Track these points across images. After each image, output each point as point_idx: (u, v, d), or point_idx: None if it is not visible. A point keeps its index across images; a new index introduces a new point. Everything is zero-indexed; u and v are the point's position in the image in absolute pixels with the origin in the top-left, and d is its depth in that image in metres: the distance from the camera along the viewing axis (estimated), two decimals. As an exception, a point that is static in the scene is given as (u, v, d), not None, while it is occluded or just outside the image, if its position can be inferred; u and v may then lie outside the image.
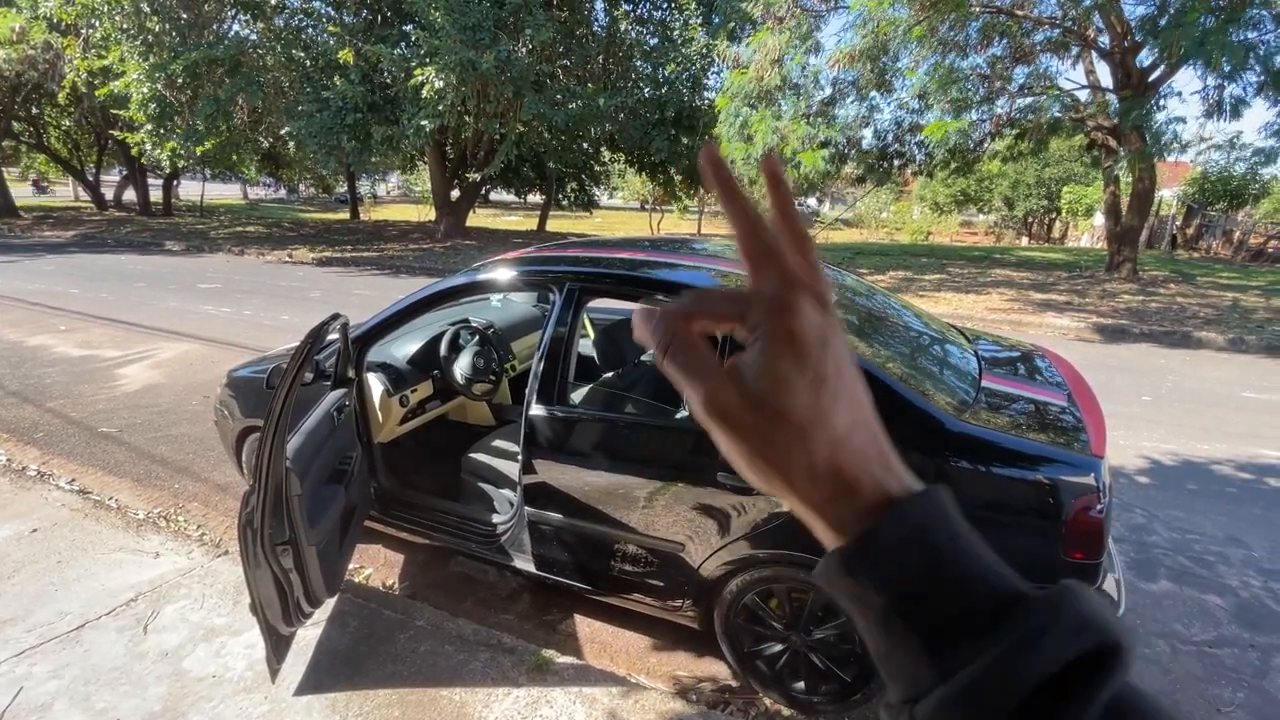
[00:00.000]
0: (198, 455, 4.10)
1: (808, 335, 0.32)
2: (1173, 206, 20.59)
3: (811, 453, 0.32)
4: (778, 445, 0.32)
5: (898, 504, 0.31)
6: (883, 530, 0.31)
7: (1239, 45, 7.57)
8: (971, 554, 0.31)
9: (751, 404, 0.32)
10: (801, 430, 0.32)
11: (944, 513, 0.31)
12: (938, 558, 0.30)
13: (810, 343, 0.32)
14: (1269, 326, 8.14)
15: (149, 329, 7.10)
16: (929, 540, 0.31)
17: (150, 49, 13.20)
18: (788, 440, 0.32)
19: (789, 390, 0.32)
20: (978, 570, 0.30)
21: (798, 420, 0.32)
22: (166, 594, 2.65)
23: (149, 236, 16.07)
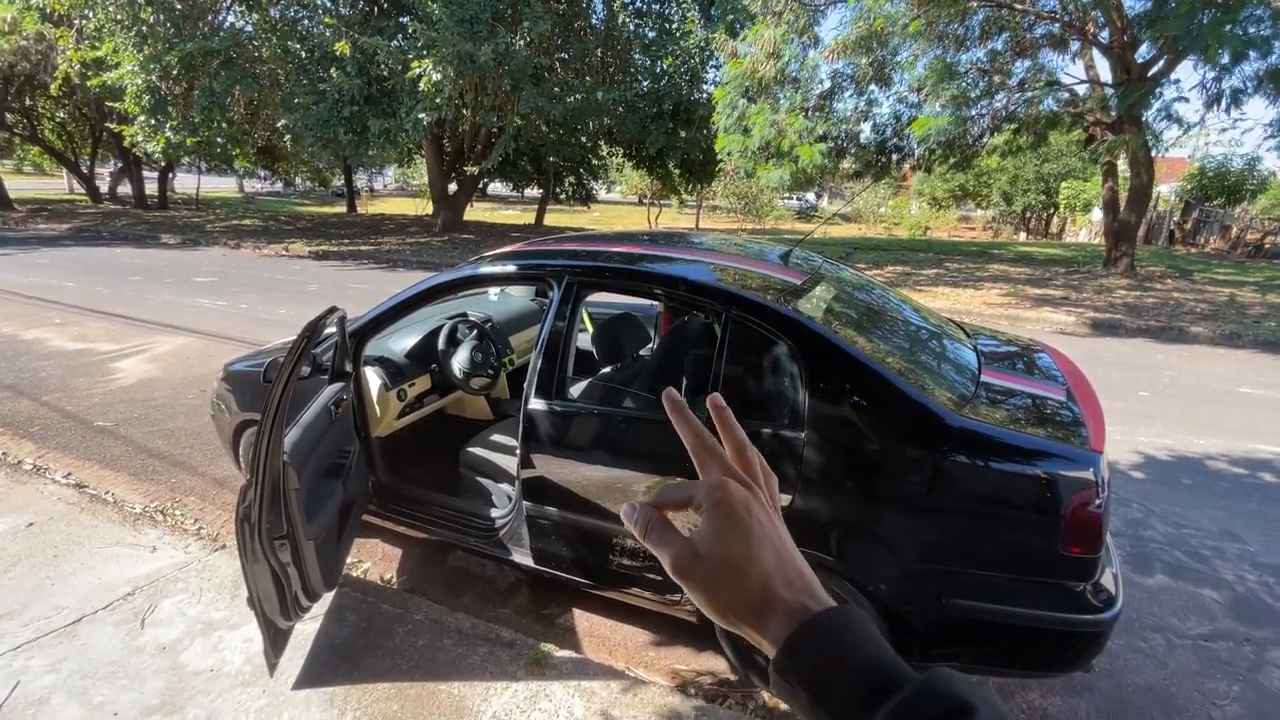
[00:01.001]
0: (194, 449, 4.09)
1: (735, 505, 0.44)
2: (1170, 202, 20.61)
3: (749, 587, 0.42)
4: (724, 586, 0.42)
5: (813, 615, 0.40)
6: (799, 635, 0.40)
7: (1236, 36, 7.55)
8: (870, 649, 0.39)
9: (702, 559, 0.43)
10: (739, 572, 0.42)
11: (851, 619, 0.40)
12: (843, 654, 0.39)
13: (738, 509, 0.44)
14: (1265, 322, 8.16)
15: (145, 322, 7.07)
16: (838, 641, 0.39)
17: (144, 40, 13.09)
18: (730, 581, 0.42)
19: (726, 543, 0.43)
20: (874, 660, 0.38)
21: (735, 565, 0.42)
22: (163, 588, 2.64)
23: (144, 230, 15.99)
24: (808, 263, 2.83)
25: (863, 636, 0.39)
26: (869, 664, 0.38)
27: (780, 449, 1.99)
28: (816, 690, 0.38)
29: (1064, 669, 1.98)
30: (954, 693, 0.36)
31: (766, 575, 0.42)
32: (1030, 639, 1.91)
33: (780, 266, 2.61)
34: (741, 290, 2.20)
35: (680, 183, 19.41)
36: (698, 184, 19.93)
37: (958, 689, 0.36)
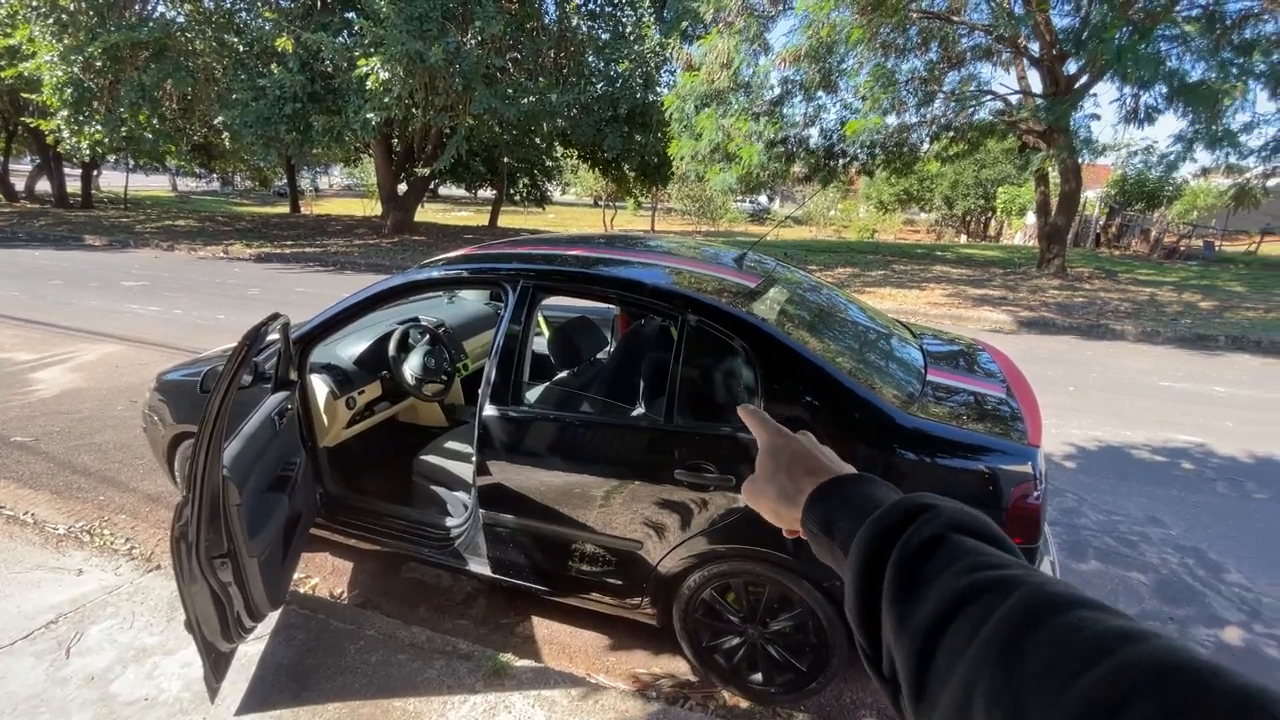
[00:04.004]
0: (124, 464, 3.86)
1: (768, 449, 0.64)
2: (1096, 207, 21.86)
3: (786, 491, 0.59)
4: (771, 494, 0.61)
5: (823, 481, 0.56)
6: (814, 494, 0.56)
7: (1150, 58, 8.09)
8: (869, 493, 0.52)
9: (757, 483, 0.63)
10: (775, 481, 0.61)
11: (854, 480, 0.55)
12: (845, 499, 0.53)
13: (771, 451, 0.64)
14: (1181, 320, 8.75)
15: (68, 330, 6.64)
16: (842, 491, 0.54)
17: (64, 29, 12.31)
18: (775, 488, 0.61)
19: (766, 469, 0.63)
20: (869, 498, 0.52)
21: (773, 477, 0.62)
22: (91, 614, 2.48)
23: (66, 230, 15.00)
24: (761, 266, 2.88)
25: (863, 488, 0.53)
26: (864, 500, 0.51)
27: (736, 451, 2.02)
28: (827, 527, 0.52)
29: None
30: (921, 499, 0.46)
31: (799, 479, 0.58)
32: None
33: (734, 270, 2.64)
34: (697, 293, 2.22)
35: (636, 185, 19.45)
36: (653, 187, 20.02)
37: (925, 498, 0.47)
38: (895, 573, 0.43)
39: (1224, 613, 2.82)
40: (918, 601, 0.40)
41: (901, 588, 0.42)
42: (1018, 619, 0.35)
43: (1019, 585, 0.37)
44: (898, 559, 0.43)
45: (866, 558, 0.45)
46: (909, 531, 0.44)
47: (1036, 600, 0.35)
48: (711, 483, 2.04)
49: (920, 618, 0.39)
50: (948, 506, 0.45)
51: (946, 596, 0.39)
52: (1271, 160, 9.84)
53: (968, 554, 0.41)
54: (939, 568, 0.41)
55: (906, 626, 0.40)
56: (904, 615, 0.41)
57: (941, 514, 0.45)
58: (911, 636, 0.39)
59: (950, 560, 0.41)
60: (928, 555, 0.42)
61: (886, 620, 0.42)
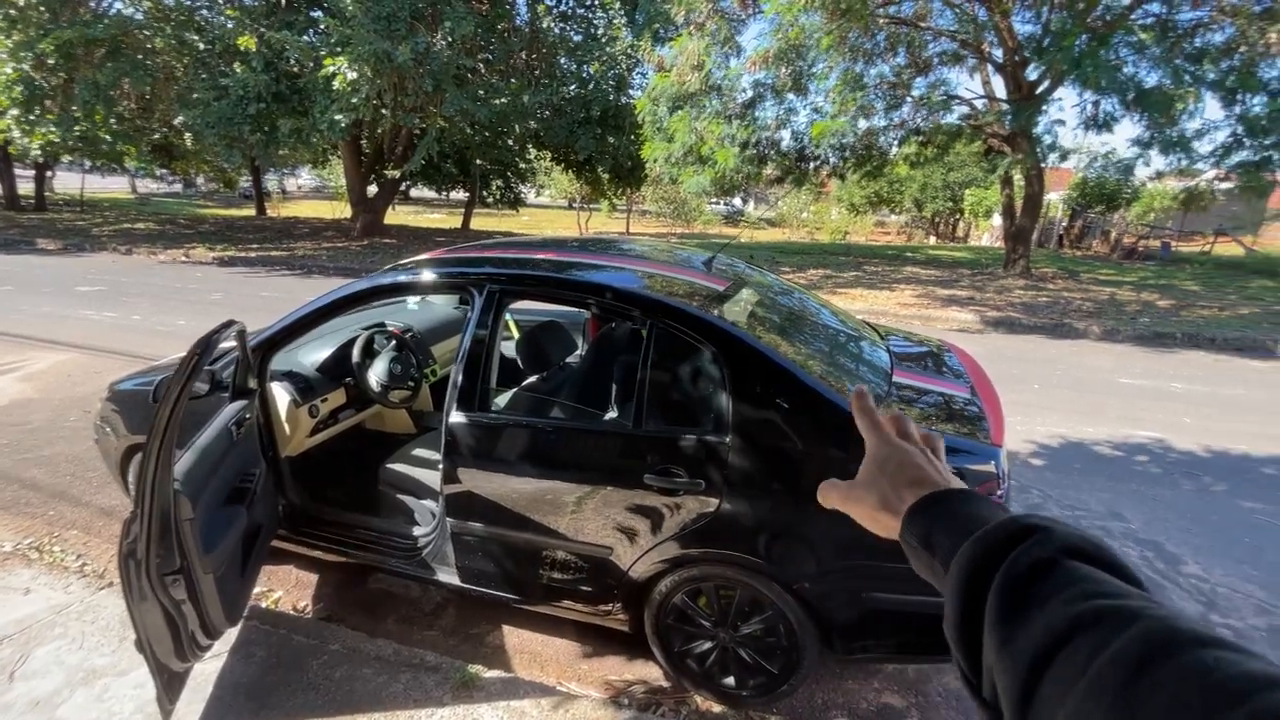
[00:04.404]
0: (76, 477, 3.71)
1: (876, 458, 0.62)
2: (1059, 209, 22.48)
3: (888, 501, 0.58)
4: (868, 503, 0.60)
5: (924, 495, 0.55)
6: (914, 508, 0.54)
7: (1108, 65, 8.35)
8: (972, 510, 0.51)
9: (858, 488, 0.61)
10: (875, 488, 0.60)
11: (956, 496, 0.54)
12: (946, 515, 0.52)
13: (878, 461, 0.61)
14: (1140, 318, 9.03)
15: (18, 337, 6.37)
16: (944, 507, 0.53)
17: (14, 25, 11.85)
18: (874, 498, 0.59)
19: (871, 476, 0.61)
20: (972, 515, 0.50)
21: (874, 486, 0.60)
22: (38, 635, 2.37)
23: (18, 234, 14.42)
24: (731, 269, 2.88)
25: (967, 505, 0.52)
26: (967, 517, 0.50)
27: (706, 454, 2.01)
28: (926, 541, 0.51)
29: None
30: (1031, 520, 0.45)
31: (902, 489, 0.57)
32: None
33: (704, 273, 2.64)
34: (665, 297, 2.21)
35: (610, 188, 19.43)
36: (627, 189, 20.02)
37: (1036, 518, 0.45)
38: (1000, 593, 0.41)
39: (1182, 603, 2.89)
40: (1024, 624, 0.39)
41: (1007, 609, 0.40)
42: (1138, 653, 0.32)
43: (1140, 617, 0.35)
44: (1003, 580, 0.41)
45: (968, 576, 0.44)
46: (1017, 552, 0.42)
47: (1160, 635, 0.33)
48: (681, 487, 2.03)
49: (1026, 642, 0.38)
50: (1061, 529, 0.43)
51: (1057, 622, 0.37)
52: (1222, 164, 10.20)
53: (1082, 581, 0.39)
54: (1049, 592, 0.39)
55: (1010, 649, 0.38)
56: (1008, 637, 0.39)
57: (1054, 537, 0.42)
58: (1016, 661, 0.38)
59: (1063, 585, 0.39)
60: (1037, 578, 0.40)
61: (989, 641, 0.41)
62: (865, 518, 0.60)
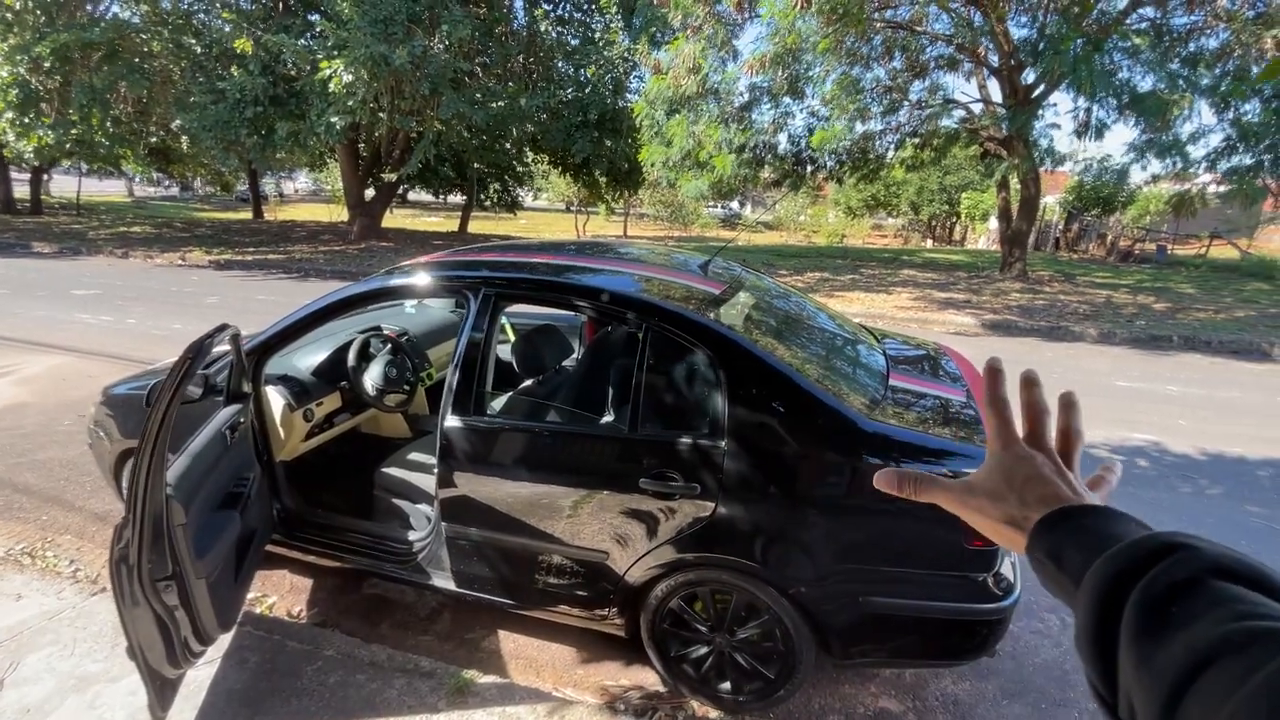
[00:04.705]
0: (70, 481, 3.69)
1: (1006, 464, 0.58)
2: (1055, 212, 22.56)
3: (1010, 511, 0.55)
4: (990, 509, 0.57)
5: (1053, 510, 0.52)
6: (1041, 524, 0.51)
7: (1104, 70, 8.39)
8: (1104, 528, 0.48)
9: (975, 490, 0.58)
10: (1002, 499, 0.56)
11: (1088, 512, 0.50)
12: (1077, 532, 0.49)
13: (1007, 466, 0.58)
14: (1136, 321, 9.05)
15: (12, 341, 6.35)
16: (1073, 523, 0.50)
17: (9, 29, 11.85)
18: (996, 505, 0.56)
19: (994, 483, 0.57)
20: (1104, 533, 0.47)
21: (1000, 494, 0.56)
22: (29, 641, 2.35)
23: (13, 237, 14.38)
24: (728, 272, 2.88)
25: (1101, 521, 0.49)
26: (1100, 533, 0.47)
27: (702, 458, 2.00)
28: (1056, 558, 0.49)
29: (972, 655, 2.08)
30: (1172, 538, 0.43)
31: (1030, 506, 0.54)
32: (940, 630, 2.01)
33: (700, 276, 2.64)
34: (661, 301, 2.20)
35: (607, 191, 19.44)
36: (624, 192, 20.04)
37: (1178, 536, 0.43)
38: (1138, 610, 0.39)
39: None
40: (1165, 642, 0.37)
41: (1146, 626, 0.39)
42: None
43: None
44: (1141, 597, 0.40)
45: (1104, 593, 0.42)
46: (1156, 570, 0.40)
47: None
48: (677, 491, 2.02)
49: (1169, 659, 0.36)
50: (1208, 548, 0.41)
51: (1202, 642, 0.35)
52: (1215, 169, 10.25)
53: (1232, 601, 0.37)
54: (1194, 612, 0.37)
55: (1150, 667, 0.37)
56: (1148, 654, 0.37)
57: (1199, 555, 0.41)
58: (1157, 679, 0.36)
59: (1210, 605, 0.37)
60: (1179, 597, 0.39)
61: (1125, 658, 0.39)
62: (985, 529, 0.57)
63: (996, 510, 0.56)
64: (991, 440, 0.60)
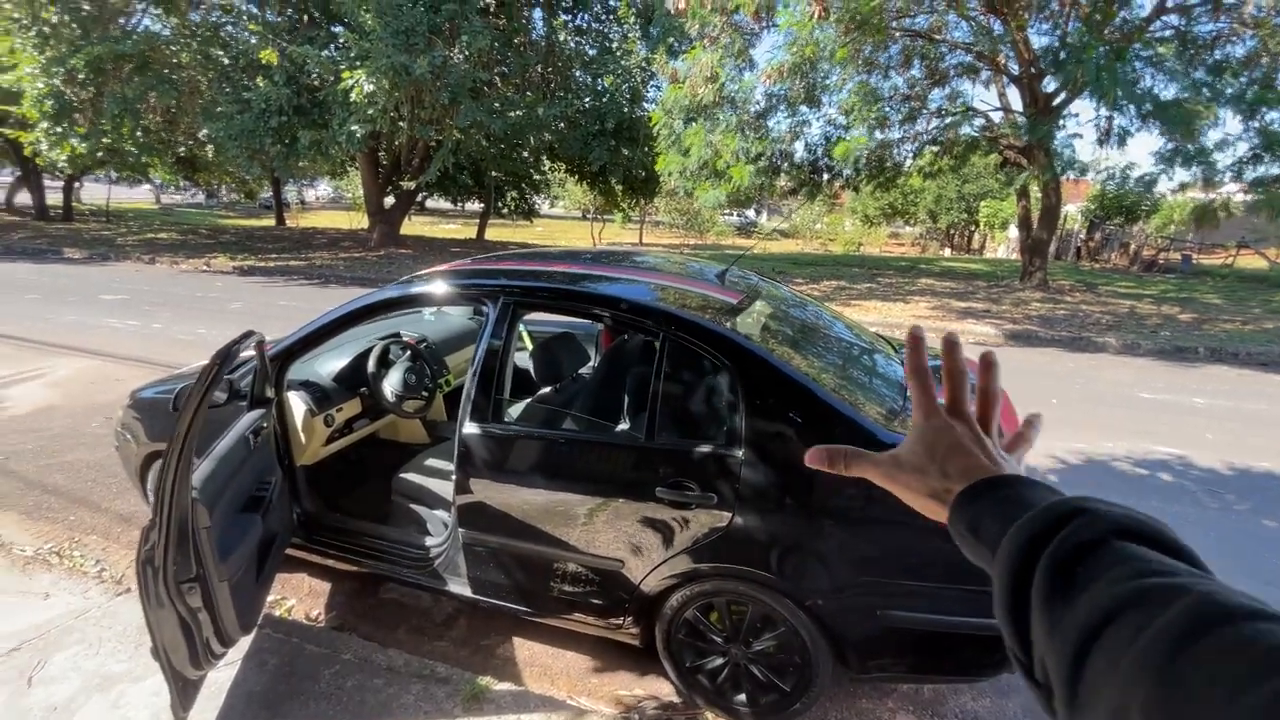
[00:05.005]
0: (97, 483, 3.77)
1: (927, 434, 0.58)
2: (1077, 221, 22.26)
3: (932, 485, 0.56)
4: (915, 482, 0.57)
5: (971, 483, 0.53)
6: (960, 496, 0.53)
7: (1127, 79, 8.29)
8: (1021, 496, 0.49)
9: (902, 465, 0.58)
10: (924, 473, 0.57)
11: (1009, 479, 0.52)
12: (994, 503, 0.50)
13: (928, 437, 0.58)
14: (1160, 332, 8.89)
15: (43, 345, 6.51)
16: (991, 495, 0.51)
17: (46, 41, 12.22)
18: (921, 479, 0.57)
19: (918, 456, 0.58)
20: (1019, 500, 0.48)
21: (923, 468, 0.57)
22: (56, 640, 2.40)
23: (45, 243, 14.79)
24: (744, 281, 2.88)
25: (1016, 490, 0.50)
26: (1015, 502, 0.48)
27: (718, 467, 2.00)
28: (974, 529, 0.50)
29: (992, 672, 2.05)
30: (1078, 502, 0.44)
31: (952, 479, 0.54)
32: (959, 644, 1.98)
33: (717, 286, 2.64)
34: (679, 310, 2.21)
35: (623, 199, 19.54)
36: (640, 200, 20.12)
37: (1084, 501, 0.44)
38: (1046, 575, 0.41)
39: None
40: (1071, 604, 0.38)
41: (1053, 589, 0.40)
42: (1183, 628, 0.32)
43: (1187, 592, 0.34)
44: (1049, 562, 0.41)
45: (1015, 560, 0.43)
46: (1063, 534, 0.42)
47: (1205, 609, 0.33)
48: (693, 501, 2.02)
49: (1073, 622, 0.37)
50: (1110, 510, 0.43)
51: (1104, 601, 0.37)
52: (1241, 178, 10.05)
53: (1131, 560, 0.39)
54: (1096, 573, 0.39)
55: (1059, 629, 0.38)
56: (1056, 618, 0.39)
57: (1103, 518, 0.42)
58: (1064, 640, 0.38)
59: (1110, 565, 0.39)
60: (1084, 559, 0.40)
61: (1037, 625, 0.40)
62: (913, 502, 0.58)
63: (921, 483, 0.56)
64: (915, 411, 0.59)
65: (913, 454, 0.58)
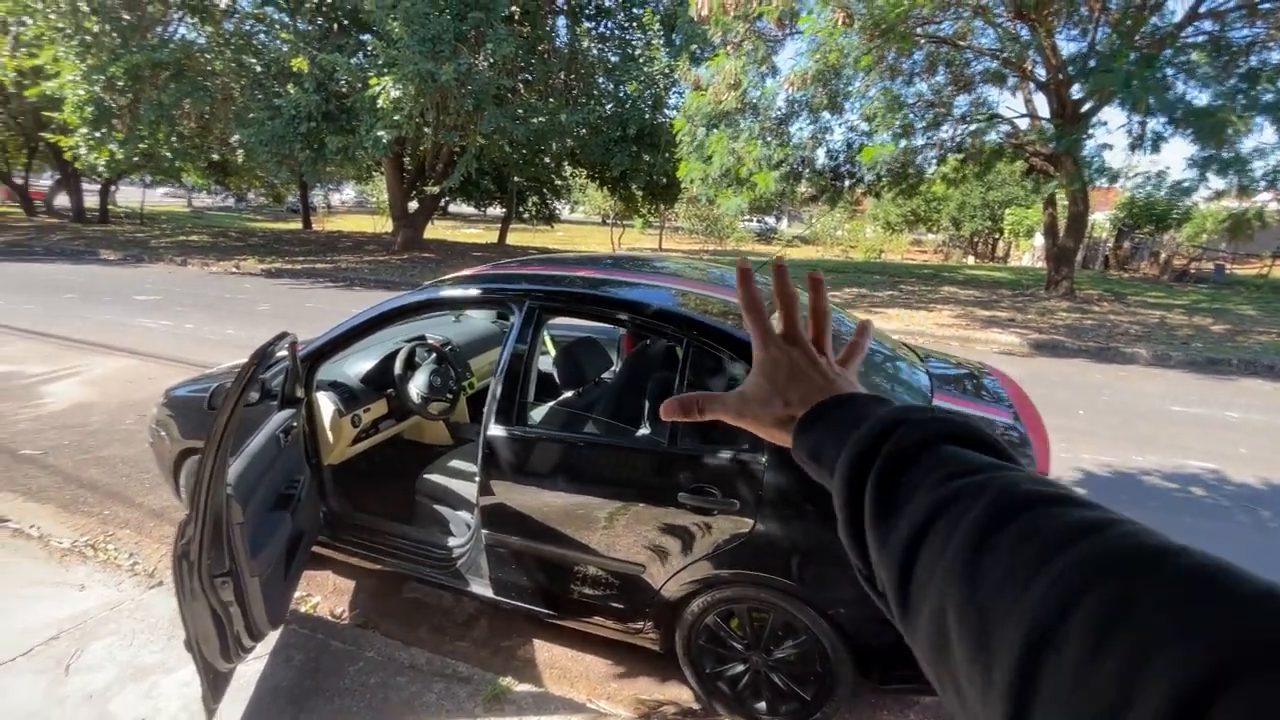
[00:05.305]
0: (131, 479, 3.87)
1: (767, 365, 0.58)
2: (1105, 229, 21.83)
3: (778, 414, 0.55)
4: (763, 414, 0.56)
5: (809, 409, 0.52)
6: (802, 422, 0.52)
7: (1159, 86, 8.13)
8: (850, 413, 0.49)
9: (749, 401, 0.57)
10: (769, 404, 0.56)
11: (842, 400, 0.52)
12: (829, 426, 0.50)
13: (769, 367, 0.57)
14: (1192, 343, 8.67)
15: (80, 343, 6.71)
16: (827, 417, 0.51)
17: (88, 50, 12.63)
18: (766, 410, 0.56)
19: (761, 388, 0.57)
20: (853, 418, 0.48)
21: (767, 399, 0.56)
22: (92, 630, 2.47)
23: (82, 245, 15.25)
24: (767, 287, 2.88)
25: (849, 409, 0.50)
26: (850, 421, 0.47)
27: (741, 473, 2.00)
28: (817, 455, 0.50)
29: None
30: (899, 413, 0.45)
31: (794, 405, 0.54)
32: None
33: (740, 292, 2.64)
34: (701, 316, 2.22)
35: (643, 204, 19.61)
36: (660, 206, 20.18)
37: (905, 410, 0.45)
38: (873, 492, 0.41)
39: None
40: (896, 518, 0.39)
41: (880, 506, 0.41)
42: (983, 525, 0.33)
43: (987, 488, 0.35)
44: (875, 478, 0.41)
45: (849, 481, 0.43)
46: (886, 448, 0.42)
47: (1001, 503, 0.33)
48: (715, 506, 2.02)
49: (898, 536, 0.38)
50: (926, 416, 0.43)
51: (921, 510, 0.37)
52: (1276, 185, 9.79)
53: (946, 463, 0.39)
54: (916, 481, 0.39)
55: (887, 547, 0.39)
56: (884, 536, 0.39)
57: (918, 424, 0.43)
58: (891, 556, 0.38)
59: (928, 471, 0.39)
60: (905, 469, 0.41)
61: (870, 542, 0.41)
62: (767, 436, 0.56)
63: (768, 415, 0.55)
64: (754, 345, 0.59)
65: (757, 387, 0.57)
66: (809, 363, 0.56)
